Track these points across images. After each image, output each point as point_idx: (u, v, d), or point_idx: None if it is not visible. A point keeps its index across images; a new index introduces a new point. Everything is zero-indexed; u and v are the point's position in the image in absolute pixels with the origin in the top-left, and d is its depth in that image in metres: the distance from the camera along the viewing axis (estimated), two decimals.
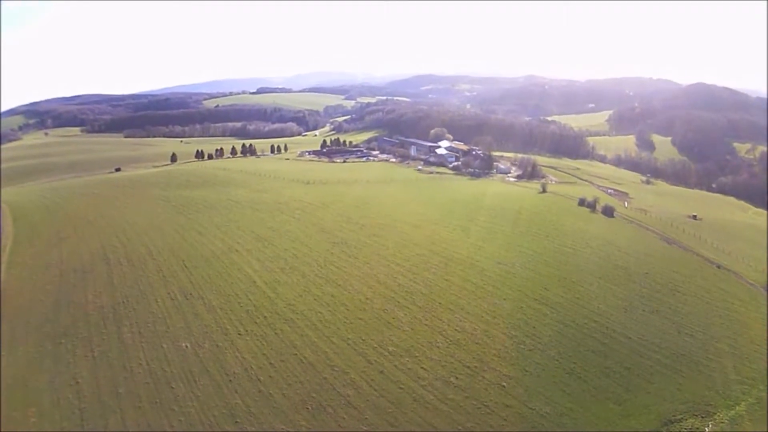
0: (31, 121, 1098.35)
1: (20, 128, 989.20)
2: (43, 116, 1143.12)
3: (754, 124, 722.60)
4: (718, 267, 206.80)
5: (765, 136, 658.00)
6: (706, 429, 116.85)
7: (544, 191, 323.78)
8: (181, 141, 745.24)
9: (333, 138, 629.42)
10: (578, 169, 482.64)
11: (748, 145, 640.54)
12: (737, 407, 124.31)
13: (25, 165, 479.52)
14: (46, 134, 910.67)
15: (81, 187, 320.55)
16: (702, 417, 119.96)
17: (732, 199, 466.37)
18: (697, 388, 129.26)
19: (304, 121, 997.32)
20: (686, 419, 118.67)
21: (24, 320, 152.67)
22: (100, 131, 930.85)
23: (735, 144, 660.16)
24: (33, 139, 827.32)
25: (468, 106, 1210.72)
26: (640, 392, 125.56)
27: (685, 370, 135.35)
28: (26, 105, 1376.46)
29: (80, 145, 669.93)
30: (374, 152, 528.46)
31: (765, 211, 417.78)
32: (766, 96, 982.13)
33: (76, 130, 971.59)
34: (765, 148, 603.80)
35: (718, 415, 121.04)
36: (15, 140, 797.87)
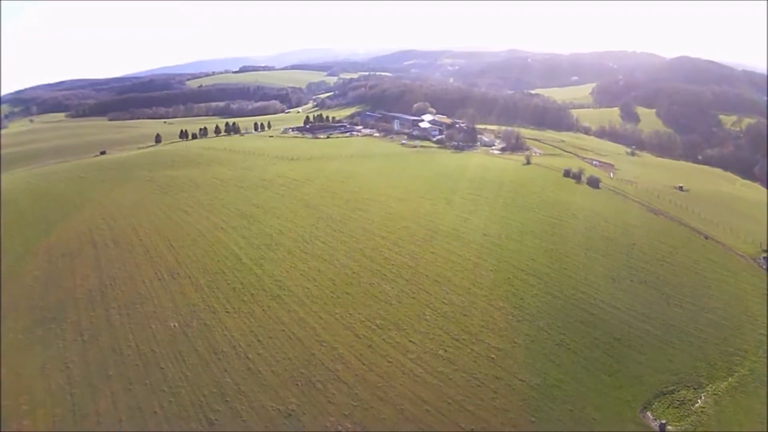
0: (16, 109, 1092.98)
1: (5, 116, 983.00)
2: (27, 104, 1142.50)
3: (739, 97, 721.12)
4: (706, 238, 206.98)
5: (750, 108, 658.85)
6: (699, 400, 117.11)
7: (528, 163, 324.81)
8: (165, 122, 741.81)
9: (316, 114, 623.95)
10: (562, 141, 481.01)
11: (733, 118, 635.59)
12: (730, 378, 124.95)
13: (11, 152, 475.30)
14: (31, 121, 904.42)
15: (67, 171, 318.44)
16: (694, 388, 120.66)
17: (719, 170, 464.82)
18: (688, 359, 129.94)
19: (287, 99, 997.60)
20: (678, 390, 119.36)
21: (13, 306, 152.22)
22: (84, 116, 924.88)
23: (721, 116, 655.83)
24: (18, 126, 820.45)
25: (451, 80, 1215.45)
26: (631, 363, 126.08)
27: (675, 341, 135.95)
28: (11, 93, 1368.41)
29: (65, 130, 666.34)
30: (357, 127, 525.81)
31: (752, 183, 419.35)
32: (750, 69, 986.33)
33: (61, 115, 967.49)
34: (751, 120, 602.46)
35: (711, 387, 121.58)
36: (0, 128, 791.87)
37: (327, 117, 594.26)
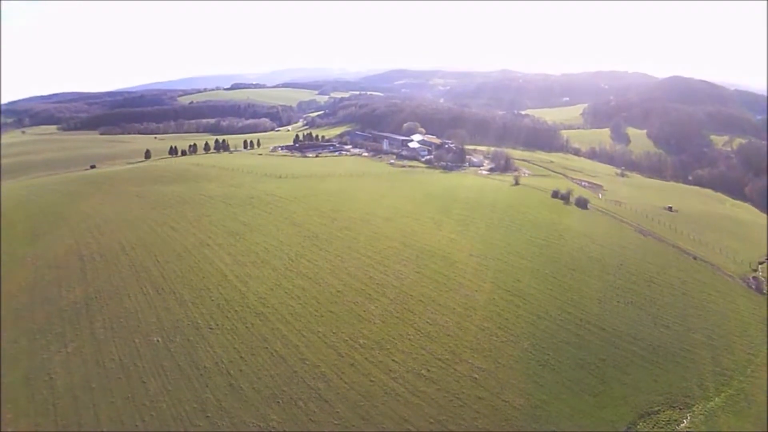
0: (9, 120, 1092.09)
1: None
2: (20, 115, 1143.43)
3: (731, 117, 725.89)
4: (695, 258, 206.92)
5: (743, 127, 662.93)
6: (684, 421, 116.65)
7: (517, 184, 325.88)
8: (155, 137, 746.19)
9: (306, 133, 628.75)
10: (552, 162, 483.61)
11: (725, 138, 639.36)
12: (715, 399, 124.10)
13: (2, 164, 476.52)
14: (23, 133, 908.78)
15: (56, 184, 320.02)
16: (679, 409, 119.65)
17: (709, 191, 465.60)
18: (673, 379, 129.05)
19: (278, 117, 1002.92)
20: (663, 411, 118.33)
21: None
22: (76, 129, 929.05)
23: (712, 136, 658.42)
24: (10, 137, 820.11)
25: (441, 100, 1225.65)
26: (616, 384, 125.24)
27: (661, 361, 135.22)
28: (4, 104, 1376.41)
29: (56, 143, 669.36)
30: (347, 147, 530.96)
31: (743, 203, 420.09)
32: (743, 88, 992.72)
33: (53, 128, 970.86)
34: (742, 140, 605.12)
35: (696, 407, 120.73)
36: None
37: (317, 136, 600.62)
